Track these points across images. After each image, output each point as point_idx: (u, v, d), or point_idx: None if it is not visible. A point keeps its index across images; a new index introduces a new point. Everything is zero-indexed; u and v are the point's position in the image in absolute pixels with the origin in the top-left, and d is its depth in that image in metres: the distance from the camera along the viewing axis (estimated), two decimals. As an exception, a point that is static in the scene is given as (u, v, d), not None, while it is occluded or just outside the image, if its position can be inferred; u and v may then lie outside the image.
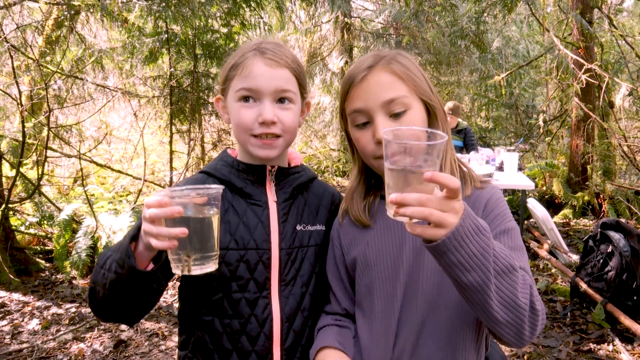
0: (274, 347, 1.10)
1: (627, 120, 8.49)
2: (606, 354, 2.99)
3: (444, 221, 0.76)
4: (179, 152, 6.90)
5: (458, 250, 0.77)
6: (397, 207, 0.76)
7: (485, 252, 0.79)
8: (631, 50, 7.11)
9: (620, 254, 3.38)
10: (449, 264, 0.79)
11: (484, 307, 0.83)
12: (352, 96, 1.06)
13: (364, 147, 1.07)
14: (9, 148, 5.07)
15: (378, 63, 1.05)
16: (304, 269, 1.15)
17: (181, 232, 0.85)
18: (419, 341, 1.01)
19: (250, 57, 1.09)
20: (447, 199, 0.76)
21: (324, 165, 10.18)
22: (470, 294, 0.82)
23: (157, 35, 5.32)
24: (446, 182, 0.74)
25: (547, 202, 7.05)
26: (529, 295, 0.86)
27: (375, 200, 1.15)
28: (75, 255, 4.38)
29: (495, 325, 0.85)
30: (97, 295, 1.00)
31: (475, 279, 0.79)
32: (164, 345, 3.28)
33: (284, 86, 1.09)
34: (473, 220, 0.79)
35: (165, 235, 0.86)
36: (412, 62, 1.07)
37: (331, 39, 9.95)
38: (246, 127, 1.10)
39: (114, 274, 0.95)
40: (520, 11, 9.00)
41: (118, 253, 0.96)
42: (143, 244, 0.94)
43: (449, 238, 0.76)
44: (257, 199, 1.15)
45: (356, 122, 1.07)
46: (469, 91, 10.48)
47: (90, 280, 1.03)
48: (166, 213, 0.85)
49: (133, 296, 0.99)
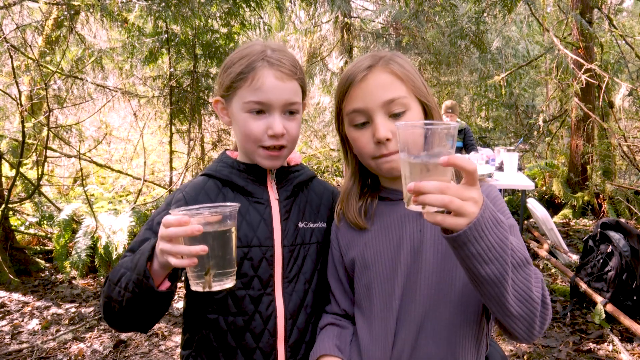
0: (279, 344, 1.11)
1: (627, 120, 8.49)
2: (606, 354, 2.99)
3: (464, 210, 0.75)
4: (179, 152, 6.90)
5: (478, 242, 0.77)
6: (415, 196, 0.75)
7: (503, 244, 0.79)
8: (631, 50, 7.11)
9: (620, 254, 3.38)
10: (468, 255, 0.78)
11: (499, 301, 0.82)
12: (351, 96, 1.06)
13: (362, 147, 1.07)
14: (9, 148, 5.07)
15: (377, 63, 1.05)
16: (307, 266, 1.16)
17: (201, 250, 0.86)
18: (418, 341, 1.01)
19: (259, 68, 1.08)
20: (466, 186, 0.76)
21: (324, 165, 10.17)
22: (487, 287, 0.81)
23: (157, 35, 5.32)
24: (464, 165, 0.74)
25: (547, 202, 7.05)
26: (541, 289, 0.87)
27: (373, 201, 1.15)
28: (75, 256, 4.38)
29: (509, 319, 0.86)
30: (113, 310, 1.02)
31: (494, 271, 0.79)
32: (163, 345, 3.28)
33: (292, 99, 1.11)
34: (492, 212, 0.79)
35: (185, 253, 0.87)
36: (409, 63, 1.08)
37: (331, 39, 9.95)
38: (256, 138, 1.11)
39: (131, 293, 0.96)
40: (520, 11, 9.00)
41: (134, 273, 0.96)
42: (159, 263, 0.94)
43: (469, 229, 0.75)
44: (258, 197, 1.17)
45: (355, 122, 1.07)
46: (469, 91, 10.48)
47: (103, 294, 1.04)
48: (186, 231, 0.86)
49: (150, 310, 1.01)
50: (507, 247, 0.80)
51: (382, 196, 1.14)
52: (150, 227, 1.12)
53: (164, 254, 0.90)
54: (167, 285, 0.99)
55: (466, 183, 0.76)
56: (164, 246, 0.89)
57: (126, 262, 1.01)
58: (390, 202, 1.12)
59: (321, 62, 9.72)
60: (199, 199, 1.14)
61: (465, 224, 0.76)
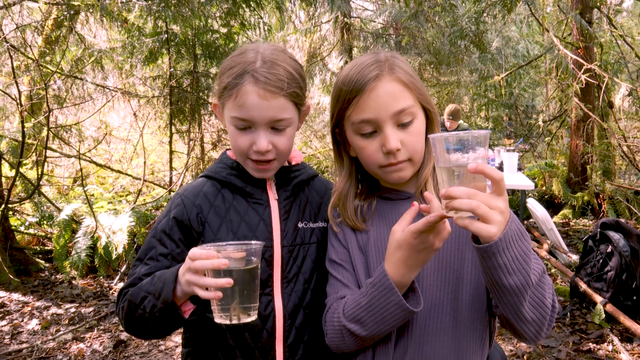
0: (277, 344, 1.12)
1: (627, 120, 8.49)
2: (606, 354, 2.99)
3: (491, 217, 0.78)
4: (179, 152, 6.90)
5: (505, 253, 0.80)
6: (447, 202, 0.80)
7: (526, 256, 0.83)
8: (631, 50, 7.11)
9: (620, 254, 3.38)
10: (495, 266, 0.82)
11: (517, 308, 0.86)
12: (360, 106, 1.03)
13: (369, 156, 1.06)
14: (9, 148, 5.07)
15: (384, 71, 1.03)
16: (306, 265, 1.16)
17: (227, 282, 0.91)
18: (422, 338, 1.01)
19: (244, 84, 1.05)
20: (494, 195, 0.80)
21: (324, 165, 10.17)
22: (508, 296, 0.85)
23: (156, 35, 5.32)
24: (491, 173, 0.78)
25: (547, 202, 7.05)
26: (552, 294, 0.91)
27: (372, 202, 1.14)
28: (75, 256, 4.38)
29: (522, 324, 0.89)
30: (136, 327, 1.09)
31: (516, 282, 0.82)
32: (163, 345, 3.28)
33: (278, 116, 1.08)
34: (518, 225, 0.82)
35: (211, 285, 0.92)
36: (408, 65, 1.08)
37: (331, 39, 9.95)
38: (242, 151, 1.12)
39: (158, 319, 1.03)
40: (520, 11, 9.01)
41: (160, 302, 1.01)
42: (183, 291, 0.99)
43: (500, 240, 0.79)
44: (258, 197, 1.17)
45: (362, 131, 1.05)
46: (469, 91, 10.48)
47: (123, 311, 1.09)
48: (213, 265, 0.91)
49: (176, 327, 1.08)
50: (530, 258, 0.83)
51: (383, 196, 1.14)
52: (155, 235, 1.14)
53: (190, 284, 0.95)
54: (191, 307, 1.05)
55: (494, 192, 0.80)
56: (191, 277, 0.94)
57: (146, 286, 1.05)
58: (391, 202, 1.13)
59: (321, 62, 9.72)
60: (197, 202, 1.15)
61: (492, 231, 0.78)
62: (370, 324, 0.98)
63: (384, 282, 0.95)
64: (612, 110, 6.35)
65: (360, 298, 1.00)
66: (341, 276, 1.11)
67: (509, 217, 0.81)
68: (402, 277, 0.94)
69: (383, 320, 0.97)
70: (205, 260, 0.92)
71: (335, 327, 1.04)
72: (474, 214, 0.79)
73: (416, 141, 1.04)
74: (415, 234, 0.90)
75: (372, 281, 0.98)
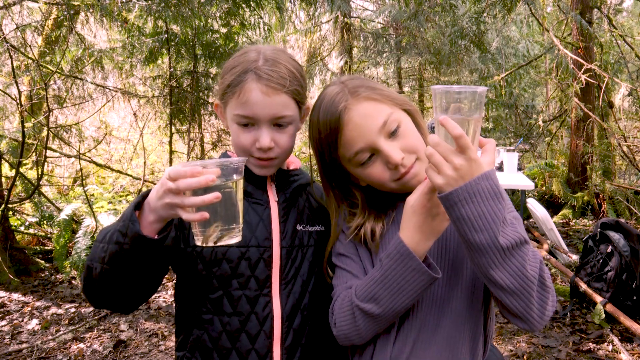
0: (274, 346, 1.10)
1: (627, 120, 8.50)
2: (606, 354, 2.99)
3: (441, 168, 0.82)
4: (179, 152, 6.90)
5: (468, 207, 0.82)
6: None
7: (496, 217, 0.83)
8: (631, 50, 7.11)
9: (620, 254, 3.38)
10: (459, 217, 0.83)
11: (486, 270, 0.86)
12: (345, 142, 1.03)
13: (379, 177, 1.04)
14: (9, 148, 5.07)
15: (348, 100, 1.02)
16: (304, 268, 1.16)
17: (215, 197, 0.82)
18: (420, 337, 1.02)
19: (247, 82, 1.06)
20: (455, 151, 0.82)
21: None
22: (475, 254, 0.86)
23: (156, 35, 5.32)
24: (450, 129, 0.81)
25: (547, 202, 7.05)
26: (538, 269, 0.87)
27: (392, 213, 1.12)
28: (75, 256, 4.38)
29: (501, 293, 0.88)
30: (94, 273, 0.95)
31: (482, 240, 0.83)
32: (163, 345, 3.28)
33: (280, 113, 1.08)
34: (492, 186, 0.83)
35: (198, 205, 0.83)
36: (368, 80, 1.09)
37: (331, 39, 9.96)
38: (244, 149, 1.12)
39: (115, 245, 0.92)
40: (520, 11, 9.00)
41: (120, 222, 0.92)
42: (158, 217, 0.91)
43: (461, 189, 0.81)
44: (258, 198, 1.17)
45: (361, 161, 1.04)
46: (469, 91, 10.46)
47: (87, 259, 0.98)
48: (200, 182, 0.82)
49: (134, 272, 0.95)
50: (500, 221, 0.83)
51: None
52: None
53: (172, 207, 0.86)
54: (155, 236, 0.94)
55: (456, 149, 0.82)
56: (173, 200, 0.85)
57: (114, 222, 0.97)
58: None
59: (321, 62, 9.73)
60: None
61: (437, 182, 0.83)
62: (386, 298, 0.95)
63: (400, 249, 0.94)
64: (612, 110, 6.35)
65: (373, 273, 0.99)
66: (350, 267, 1.09)
67: (469, 173, 0.81)
68: (417, 245, 0.94)
69: (400, 291, 0.94)
70: (191, 179, 0.82)
71: (345, 313, 1.02)
72: (429, 162, 0.84)
73: (413, 140, 1.04)
74: (428, 195, 0.92)
75: (388, 253, 0.96)
